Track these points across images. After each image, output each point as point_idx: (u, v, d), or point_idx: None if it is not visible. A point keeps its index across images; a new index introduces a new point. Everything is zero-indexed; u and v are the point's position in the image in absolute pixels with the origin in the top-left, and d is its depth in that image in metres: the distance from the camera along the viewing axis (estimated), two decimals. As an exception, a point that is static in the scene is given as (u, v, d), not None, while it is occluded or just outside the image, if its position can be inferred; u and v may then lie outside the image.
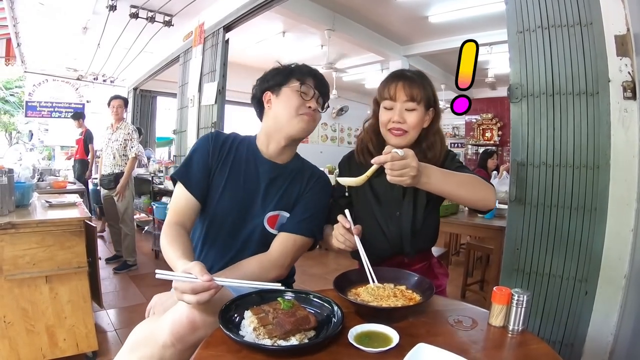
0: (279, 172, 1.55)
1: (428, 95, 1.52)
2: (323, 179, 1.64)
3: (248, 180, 1.53)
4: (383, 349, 0.90)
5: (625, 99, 1.62)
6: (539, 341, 1.00)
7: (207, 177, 1.51)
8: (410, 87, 1.49)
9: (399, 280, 1.26)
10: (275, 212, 1.53)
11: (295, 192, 1.57)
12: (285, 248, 1.47)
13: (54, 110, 8.81)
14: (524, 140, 1.90)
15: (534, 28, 1.87)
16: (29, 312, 2.30)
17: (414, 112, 1.49)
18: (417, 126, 1.51)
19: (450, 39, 6.24)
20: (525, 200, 1.89)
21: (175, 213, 1.45)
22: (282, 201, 1.54)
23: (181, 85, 5.45)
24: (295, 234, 1.49)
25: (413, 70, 1.63)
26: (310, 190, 1.58)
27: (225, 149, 1.54)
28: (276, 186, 1.54)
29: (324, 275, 4.29)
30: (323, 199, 1.61)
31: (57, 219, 2.39)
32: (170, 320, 1.08)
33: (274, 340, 0.93)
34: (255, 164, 1.55)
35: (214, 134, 1.58)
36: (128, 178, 4.54)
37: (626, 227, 1.63)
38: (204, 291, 1.02)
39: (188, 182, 1.48)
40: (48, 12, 5.07)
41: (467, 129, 10.52)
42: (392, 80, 1.54)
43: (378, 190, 1.60)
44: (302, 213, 1.52)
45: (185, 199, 1.47)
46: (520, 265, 1.91)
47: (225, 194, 1.51)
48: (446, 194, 1.33)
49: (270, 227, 1.52)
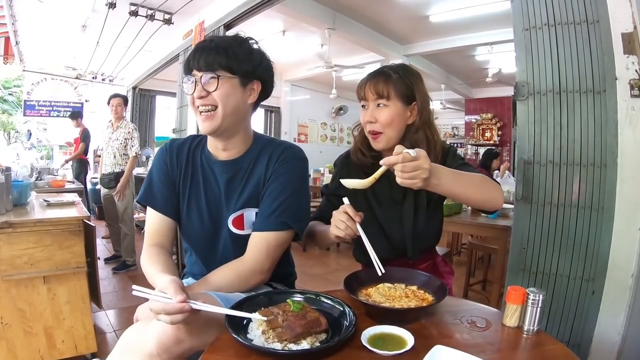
0: (235, 169, 1.41)
1: (401, 89, 1.45)
2: (288, 156, 1.41)
3: (208, 188, 1.42)
4: (399, 351, 0.87)
5: (632, 97, 1.61)
6: (555, 341, 0.98)
7: (173, 191, 1.43)
8: (376, 84, 1.45)
9: (410, 281, 1.24)
10: (239, 212, 1.40)
11: (255, 183, 1.40)
12: (258, 251, 1.33)
13: (53, 110, 8.76)
14: (531, 139, 1.88)
15: (540, 25, 1.85)
16: (26, 313, 2.27)
17: (385, 109, 1.44)
18: (389, 124, 1.44)
19: (451, 39, 6.26)
20: (532, 199, 1.87)
21: (151, 236, 1.39)
22: (242, 198, 1.39)
23: (181, 84, 5.40)
24: (267, 232, 1.34)
25: (394, 65, 1.58)
26: (273, 174, 1.38)
27: (182, 158, 1.44)
28: (235, 185, 1.41)
29: (325, 276, 4.26)
30: (291, 179, 1.39)
31: (55, 218, 2.36)
32: (156, 330, 1.04)
33: (284, 343, 0.90)
34: (211, 167, 1.43)
35: (167, 144, 1.48)
36: (128, 177, 4.50)
37: (634, 226, 1.62)
38: (177, 313, 0.96)
39: (154, 202, 1.41)
40: (47, 9, 5.05)
41: (466, 129, 10.51)
42: (365, 79, 1.50)
43: (378, 191, 1.54)
44: (269, 205, 1.36)
45: (157, 220, 1.40)
46: (527, 264, 1.89)
47: (192, 209, 1.42)
48: (455, 195, 1.25)
49: (237, 229, 1.40)
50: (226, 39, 1.35)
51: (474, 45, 6.40)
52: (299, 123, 10.76)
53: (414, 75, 1.51)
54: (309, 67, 8.39)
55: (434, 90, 9.41)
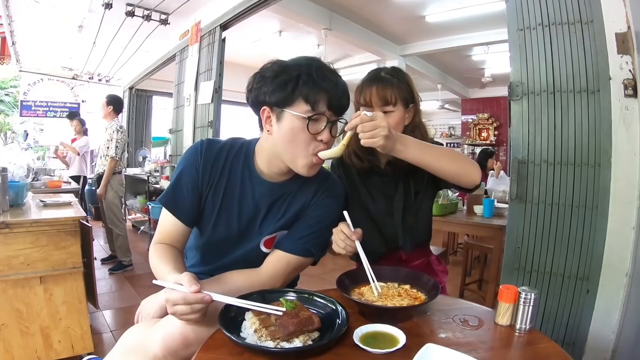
0: (280, 193, 1.34)
1: (404, 94, 1.49)
2: (333, 191, 1.40)
3: (244, 205, 1.33)
4: (390, 349, 0.88)
5: (626, 97, 1.62)
6: (548, 340, 0.99)
7: (198, 202, 1.32)
8: (384, 90, 1.46)
9: (403, 279, 1.24)
10: (273, 234, 1.36)
11: (297, 209, 1.35)
12: (277, 270, 1.31)
13: (49, 110, 8.74)
14: (525, 138, 1.89)
15: (534, 25, 1.86)
16: (23, 313, 2.27)
17: (392, 115, 1.47)
18: (396, 128, 1.46)
19: (447, 39, 6.25)
20: (527, 198, 1.88)
21: (163, 235, 1.33)
22: (281, 222, 1.35)
23: (177, 84, 5.43)
24: (291, 254, 1.31)
25: (388, 68, 1.59)
26: (315, 204, 1.36)
27: (218, 168, 1.32)
28: (275, 209, 1.35)
29: (322, 276, 4.26)
30: (330, 213, 1.36)
31: (51, 219, 2.35)
32: (162, 333, 1.04)
33: (276, 342, 0.91)
34: (252, 184, 1.32)
35: (204, 145, 1.34)
36: (107, 179, 4.43)
37: (628, 224, 1.63)
38: (197, 303, 0.97)
39: (176, 209, 1.32)
40: (43, 10, 5.04)
41: (463, 129, 10.53)
42: (366, 85, 1.50)
43: (371, 188, 1.60)
44: (302, 230, 1.33)
45: (173, 224, 1.32)
46: (522, 263, 1.90)
47: (219, 221, 1.34)
48: (426, 165, 1.27)
49: (266, 249, 1.37)
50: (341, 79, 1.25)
51: (470, 46, 6.40)
52: (297, 123, 10.70)
53: (407, 77, 1.55)
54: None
55: (431, 90, 9.41)
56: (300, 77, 1.15)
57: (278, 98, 1.17)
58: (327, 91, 1.17)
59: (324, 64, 1.22)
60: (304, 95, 1.15)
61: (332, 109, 1.19)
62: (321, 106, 1.16)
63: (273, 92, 1.17)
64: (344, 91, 1.22)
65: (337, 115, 1.22)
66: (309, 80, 1.15)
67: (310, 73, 1.16)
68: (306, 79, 1.15)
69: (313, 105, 1.15)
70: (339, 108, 1.21)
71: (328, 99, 1.17)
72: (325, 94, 1.16)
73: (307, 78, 1.15)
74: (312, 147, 1.20)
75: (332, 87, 1.18)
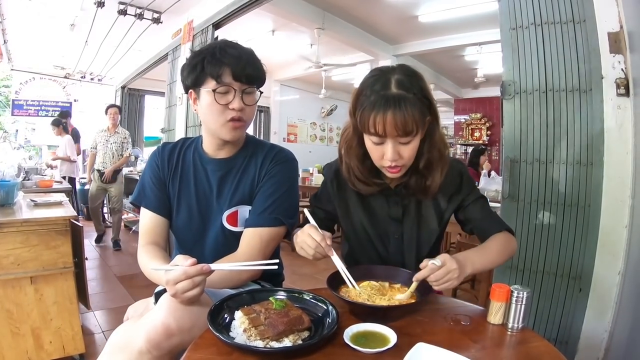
0: (228, 167, 1.45)
1: (423, 110, 1.15)
2: (281, 158, 1.46)
3: (199, 185, 1.47)
4: (381, 349, 0.87)
5: (618, 96, 1.63)
6: (540, 339, 0.98)
7: (164, 191, 1.48)
8: (402, 118, 1.09)
9: (395, 279, 1.23)
10: (233, 208, 1.44)
11: (249, 182, 1.44)
12: (252, 247, 1.36)
13: (41, 109, 8.68)
14: (517, 137, 1.90)
15: (527, 25, 1.87)
16: (13, 313, 2.24)
17: (410, 144, 1.17)
18: (415, 154, 1.22)
19: (440, 39, 6.28)
20: (519, 197, 1.89)
21: (145, 235, 1.44)
22: (237, 195, 1.44)
23: (169, 83, 5.41)
24: (260, 227, 1.38)
25: (399, 74, 1.17)
26: (267, 174, 1.44)
27: (173, 160, 1.49)
28: (228, 182, 1.45)
29: (314, 275, 4.25)
30: (284, 179, 1.44)
31: (42, 218, 2.32)
32: (145, 326, 1.04)
33: (266, 341, 0.89)
34: (203, 165, 1.47)
35: (159, 148, 1.53)
36: (119, 167, 5.43)
37: (620, 223, 1.64)
38: (198, 274, 1.03)
39: (147, 202, 1.47)
40: (35, 8, 5.02)
41: (455, 129, 10.55)
42: (379, 109, 1.10)
43: (370, 206, 1.39)
44: (263, 202, 1.41)
45: (150, 219, 1.46)
46: (514, 262, 1.91)
47: (181, 205, 1.47)
48: (487, 270, 1.33)
49: (231, 225, 1.43)
50: (246, 50, 1.37)
51: (463, 46, 6.42)
52: (289, 123, 10.70)
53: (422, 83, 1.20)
54: (298, 67, 8.39)
55: (424, 90, 9.42)
56: (205, 58, 1.30)
57: (192, 80, 1.34)
58: (228, 65, 1.29)
59: (228, 42, 1.37)
60: (209, 72, 1.29)
61: (238, 79, 1.30)
62: (226, 78, 1.29)
63: (188, 75, 1.34)
64: (247, 61, 1.32)
65: (247, 84, 1.33)
66: (212, 59, 1.29)
67: (213, 53, 1.30)
68: (210, 58, 1.29)
69: (217, 79, 1.29)
70: (245, 77, 1.31)
71: (232, 71, 1.29)
72: (227, 67, 1.29)
73: (210, 57, 1.29)
74: (226, 115, 1.32)
75: (233, 61, 1.30)
